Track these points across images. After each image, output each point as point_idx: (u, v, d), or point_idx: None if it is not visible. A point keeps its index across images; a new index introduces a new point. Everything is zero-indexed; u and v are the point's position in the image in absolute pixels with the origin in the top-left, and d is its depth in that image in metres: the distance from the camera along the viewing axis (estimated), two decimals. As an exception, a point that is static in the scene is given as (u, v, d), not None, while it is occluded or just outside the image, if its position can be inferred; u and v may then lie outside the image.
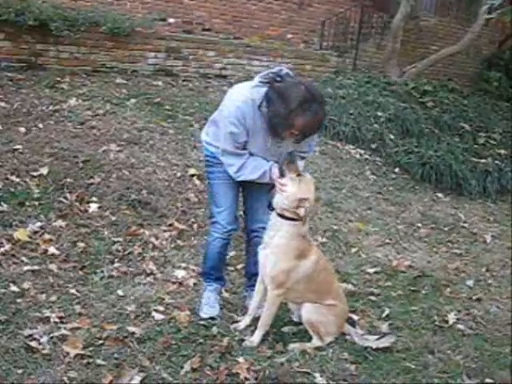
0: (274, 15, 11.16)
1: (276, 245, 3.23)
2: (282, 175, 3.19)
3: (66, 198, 4.61)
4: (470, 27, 11.42)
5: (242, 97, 3.17)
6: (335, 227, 5.49)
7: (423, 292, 4.49)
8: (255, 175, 3.32)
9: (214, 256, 3.61)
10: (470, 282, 4.83)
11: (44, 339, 2.98)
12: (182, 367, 2.96)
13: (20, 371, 2.71)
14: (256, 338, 3.29)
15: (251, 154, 3.32)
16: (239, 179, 3.37)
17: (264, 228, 3.37)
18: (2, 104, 5.88)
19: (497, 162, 8.38)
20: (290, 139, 3.21)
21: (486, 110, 10.80)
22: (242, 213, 3.84)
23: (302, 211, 3.14)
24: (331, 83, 9.65)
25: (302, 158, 3.48)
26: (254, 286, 3.53)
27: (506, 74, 12.79)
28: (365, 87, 9.70)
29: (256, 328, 3.33)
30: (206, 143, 3.53)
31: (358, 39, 11.22)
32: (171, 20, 10.03)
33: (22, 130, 5.47)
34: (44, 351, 2.89)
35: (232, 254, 4.36)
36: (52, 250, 3.98)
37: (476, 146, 8.95)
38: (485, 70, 13.29)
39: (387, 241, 5.54)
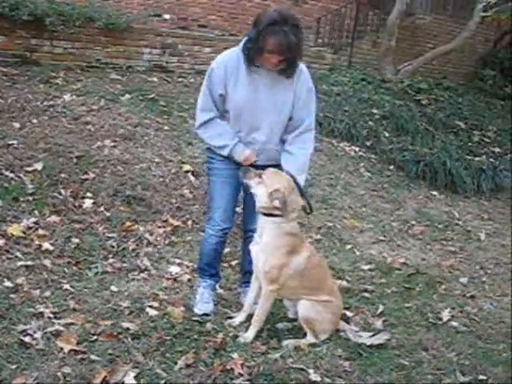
0: (269, 12, 11.13)
1: (264, 243, 3.25)
2: (248, 188, 3.27)
3: (60, 193, 4.60)
4: (465, 25, 11.44)
5: (229, 52, 3.32)
6: (330, 224, 5.50)
7: (417, 289, 4.50)
8: (214, 142, 3.38)
9: (209, 252, 3.61)
10: (464, 280, 4.85)
11: (38, 334, 2.96)
12: (176, 363, 2.95)
13: (14, 366, 2.70)
14: (250, 333, 3.29)
15: (241, 131, 3.37)
16: (199, 135, 3.47)
17: None
18: (-4, 99, 5.86)
19: (491, 159, 8.42)
20: (269, 67, 3.18)
21: (480, 108, 10.85)
22: (240, 210, 3.84)
23: (276, 202, 3.14)
24: (326, 80, 9.67)
25: (307, 130, 3.43)
26: (248, 282, 3.53)
27: (500, 72, 12.83)
28: (360, 84, 9.73)
29: (251, 324, 3.33)
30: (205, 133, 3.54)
31: (353, 36, 11.22)
32: (167, 16, 10.01)
33: (17, 125, 5.44)
34: (38, 346, 2.87)
35: (227, 250, 4.34)
36: (46, 245, 3.97)
37: (470, 143, 8.99)
38: (480, 68, 13.31)
39: (382, 238, 5.55)
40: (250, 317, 3.39)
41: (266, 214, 3.23)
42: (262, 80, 3.25)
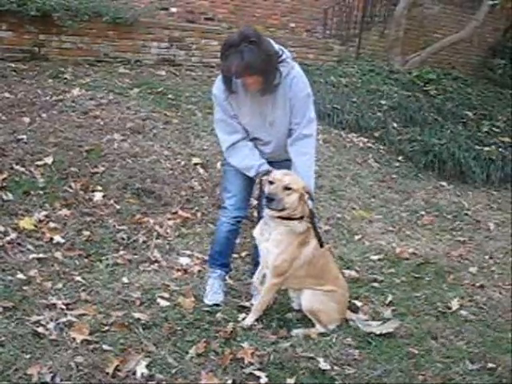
0: (276, 4, 11.12)
1: (277, 240, 3.25)
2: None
3: (70, 187, 4.64)
4: (474, 14, 11.36)
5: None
6: (339, 215, 5.51)
7: (426, 279, 4.51)
8: (241, 165, 3.40)
9: (221, 241, 3.66)
10: (473, 269, 4.85)
11: (51, 325, 3.01)
12: (187, 352, 2.99)
13: (28, 356, 2.74)
14: (249, 320, 3.35)
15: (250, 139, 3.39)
16: (228, 159, 3.43)
17: None
18: (6, 94, 5.90)
19: (500, 149, 8.34)
20: (250, 88, 3.18)
21: (489, 97, 10.78)
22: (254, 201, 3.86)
23: (310, 203, 3.23)
24: (334, 71, 9.66)
25: (305, 136, 3.36)
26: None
27: (510, 61, 12.70)
28: (368, 75, 9.72)
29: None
30: None
31: (361, 27, 11.18)
32: (174, 9, 10.01)
33: (26, 120, 5.48)
34: (51, 337, 2.92)
35: (236, 241, 4.36)
36: (57, 238, 4.01)
37: (479, 133, 8.92)
38: (489, 57, 13.21)
39: (390, 228, 5.56)
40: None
41: (285, 218, 3.22)
42: (262, 99, 3.26)
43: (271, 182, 3.16)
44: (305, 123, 3.35)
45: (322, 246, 3.36)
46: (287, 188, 3.14)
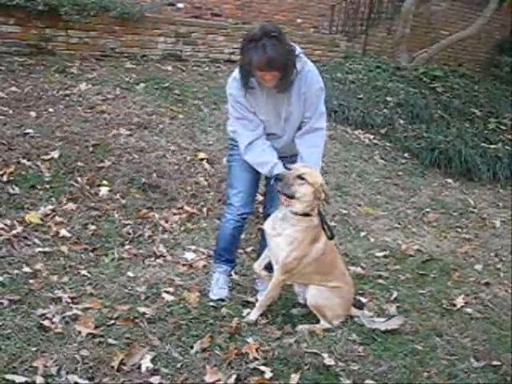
0: (283, 0, 11.09)
1: (294, 237, 3.23)
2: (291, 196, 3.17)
3: (76, 181, 4.65)
4: (481, 11, 11.30)
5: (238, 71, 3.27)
6: (344, 211, 5.51)
7: (432, 276, 4.50)
8: (256, 160, 3.37)
9: (226, 237, 3.66)
10: (479, 267, 4.84)
11: (56, 319, 3.02)
12: (191, 347, 2.99)
13: (34, 349, 2.76)
14: (253, 316, 3.35)
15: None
16: (245, 157, 3.40)
17: None
18: (13, 89, 5.92)
19: (507, 147, 8.32)
20: (267, 85, 3.16)
21: (496, 95, 10.73)
22: (259, 197, 3.85)
23: (322, 195, 3.19)
24: (341, 68, 9.64)
25: (316, 129, 3.38)
26: (265, 268, 3.56)
27: (517, 59, 12.66)
28: (374, 72, 9.69)
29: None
30: (230, 126, 3.59)
31: (367, 24, 11.15)
32: (180, 5, 10.00)
33: (33, 114, 5.50)
34: (57, 330, 2.93)
35: (242, 236, 4.36)
36: (63, 232, 4.03)
37: (486, 131, 8.90)
38: (496, 55, 13.15)
39: (396, 225, 5.55)
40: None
41: (302, 214, 3.21)
42: (277, 96, 3.25)
43: (289, 169, 3.18)
44: (317, 117, 3.36)
45: (332, 237, 3.34)
46: (300, 177, 3.13)
